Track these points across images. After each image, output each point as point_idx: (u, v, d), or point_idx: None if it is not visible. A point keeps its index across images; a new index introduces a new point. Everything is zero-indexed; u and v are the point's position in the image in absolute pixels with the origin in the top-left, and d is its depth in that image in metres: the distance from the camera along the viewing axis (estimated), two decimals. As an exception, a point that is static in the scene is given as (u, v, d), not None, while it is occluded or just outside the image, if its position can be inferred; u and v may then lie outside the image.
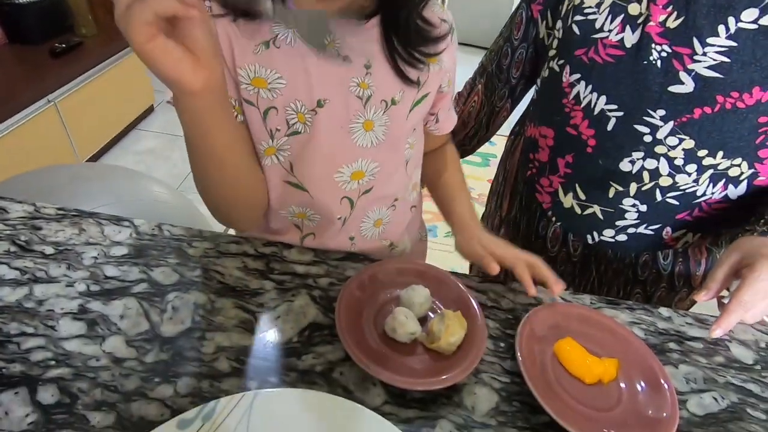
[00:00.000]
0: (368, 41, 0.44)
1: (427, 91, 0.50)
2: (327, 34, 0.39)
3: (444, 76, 0.52)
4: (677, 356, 0.46)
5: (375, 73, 0.45)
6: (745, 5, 0.47)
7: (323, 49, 0.41)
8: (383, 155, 0.51)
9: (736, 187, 0.59)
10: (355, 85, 0.45)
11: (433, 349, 0.41)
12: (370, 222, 0.55)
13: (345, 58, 0.43)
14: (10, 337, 0.37)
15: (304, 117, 0.44)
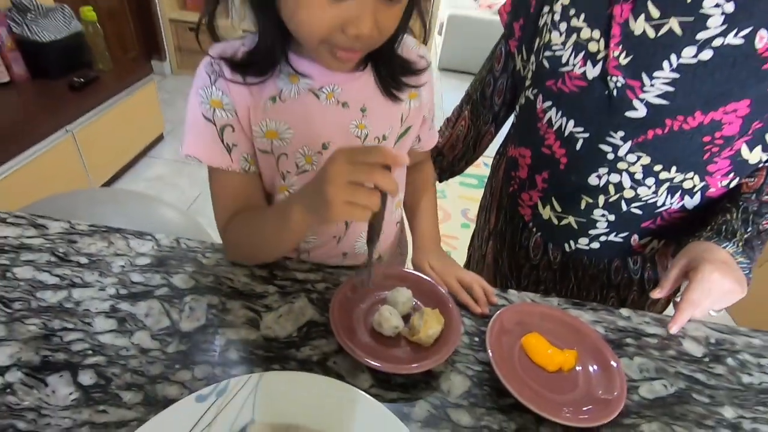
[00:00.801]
0: (362, 87, 0.51)
1: (410, 125, 0.58)
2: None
3: (424, 108, 0.59)
4: (633, 350, 0.52)
5: (369, 115, 0.52)
6: (685, 44, 0.55)
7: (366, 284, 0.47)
8: None
9: (691, 198, 0.66)
10: (354, 127, 0.52)
11: (414, 341, 0.47)
12: (362, 240, 0.62)
13: (344, 104, 0.50)
14: (54, 332, 0.44)
15: (311, 159, 0.51)
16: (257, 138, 0.49)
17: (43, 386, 0.39)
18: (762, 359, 0.54)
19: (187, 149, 0.48)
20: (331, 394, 0.40)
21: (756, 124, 0.58)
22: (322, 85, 0.49)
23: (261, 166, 0.52)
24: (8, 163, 1.46)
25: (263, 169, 0.52)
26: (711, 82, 0.55)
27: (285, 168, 0.52)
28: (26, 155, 1.53)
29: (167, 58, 3.07)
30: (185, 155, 0.48)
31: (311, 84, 0.49)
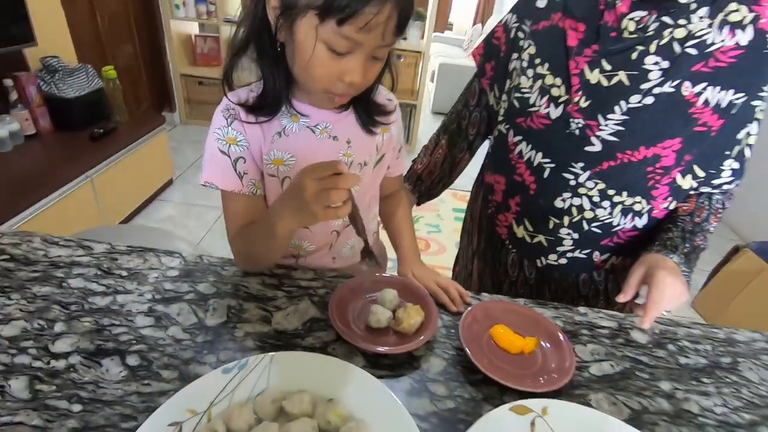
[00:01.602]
0: (348, 125, 0.64)
1: (383, 153, 0.70)
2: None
3: (393, 140, 0.72)
4: (587, 338, 0.62)
5: (353, 146, 0.65)
6: (632, 92, 0.67)
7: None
8: (360, 200, 0.69)
9: (640, 218, 0.77)
10: (342, 155, 0.64)
11: (399, 330, 0.56)
12: (347, 246, 0.73)
13: (335, 138, 0.63)
14: (105, 327, 0.54)
15: None
16: (266, 164, 0.62)
17: (99, 366, 0.49)
18: (699, 345, 0.63)
19: (206, 178, 0.60)
20: (331, 368, 0.49)
21: (687, 157, 0.70)
22: (317, 123, 0.62)
23: (268, 186, 0.64)
24: (31, 208, 1.58)
25: (270, 188, 0.64)
26: (652, 123, 0.68)
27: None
28: (49, 200, 1.65)
29: (177, 109, 3.29)
30: (203, 183, 0.60)
31: (308, 122, 0.62)
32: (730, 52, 0.62)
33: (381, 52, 0.53)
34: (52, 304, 0.56)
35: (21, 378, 0.46)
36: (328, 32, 0.49)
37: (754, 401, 0.55)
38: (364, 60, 0.52)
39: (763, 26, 0.61)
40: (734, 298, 1.97)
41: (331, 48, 0.50)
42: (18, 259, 0.62)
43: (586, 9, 0.69)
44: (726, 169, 0.73)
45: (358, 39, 0.49)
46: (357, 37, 0.49)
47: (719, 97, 0.65)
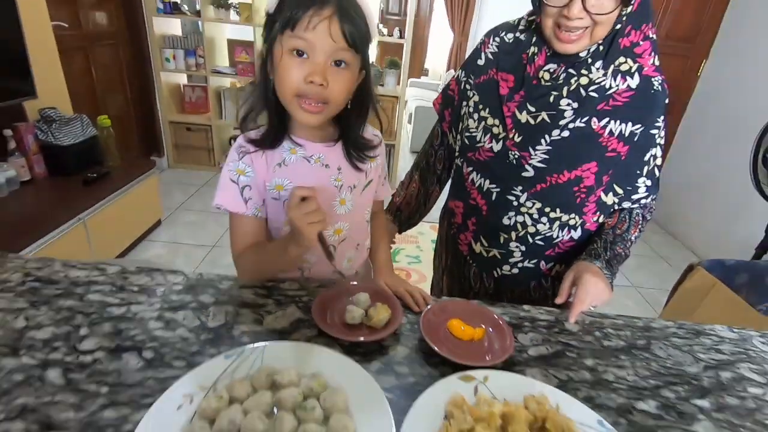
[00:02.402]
0: (338, 155, 0.78)
1: (371, 179, 0.84)
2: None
3: (378, 168, 0.86)
4: (528, 329, 0.74)
5: (343, 172, 0.78)
6: (553, 128, 0.84)
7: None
8: (352, 218, 0.82)
9: (575, 231, 0.92)
10: (333, 180, 0.78)
11: (370, 325, 0.68)
12: (345, 259, 0.85)
13: (326, 165, 0.77)
14: (123, 330, 0.64)
15: None
16: (270, 190, 0.75)
17: (120, 359, 0.59)
18: (620, 332, 0.76)
19: (218, 200, 0.74)
20: (314, 351, 0.60)
21: (605, 178, 0.86)
22: (312, 154, 0.76)
23: (271, 209, 0.77)
24: (26, 250, 1.66)
25: (273, 210, 0.78)
26: (570, 151, 0.84)
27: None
28: (43, 241, 1.74)
29: (165, 154, 3.42)
30: (216, 205, 0.73)
31: (304, 153, 0.76)
32: (624, 93, 0.80)
33: (341, 55, 0.65)
34: (76, 313, 0.66)
35: (56, 369, 0.56)
36: (288, 40, 0.64)
37: (660, 371, 0.68)
38: (323, 62, 0.64)
39: (647, 73, 0.80)
40: (692, 313, 2.11)
41: (293, 50, 0.64)
42: (42, 279, 0.73)
43: (513, 63, 0.86)
44: (641, 185, 0.89)
45: (309, 38, 0.63)
46: (307, 36, 0.62)
47: (621, 128, 0.81)
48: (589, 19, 0.72)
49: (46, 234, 1.76)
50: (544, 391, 0.57)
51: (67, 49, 2.36)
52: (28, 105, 2.02)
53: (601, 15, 0.70)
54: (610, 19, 0.71)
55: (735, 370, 0.70)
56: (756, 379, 0.69)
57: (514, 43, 0.86)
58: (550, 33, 0.77)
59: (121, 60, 2.96)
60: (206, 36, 3.15)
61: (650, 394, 0.63)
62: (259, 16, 3.12)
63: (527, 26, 0.86)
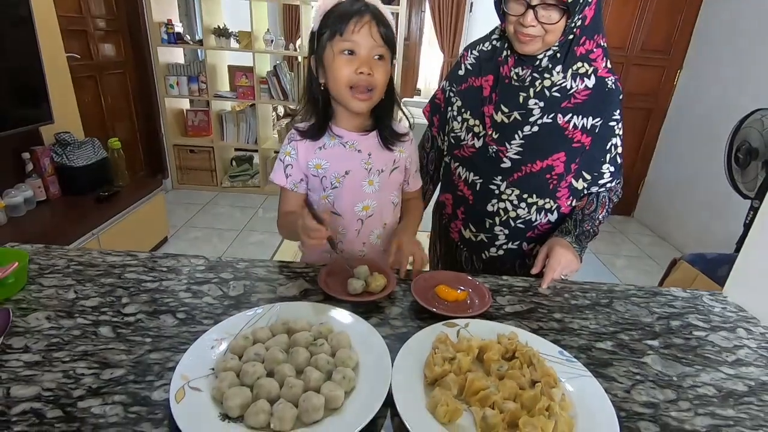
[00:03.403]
0: (370, 143, 0.93)
1: (397, 165, 0.97)
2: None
3: (407, 159, 1.00)
4: (506, 293, 0.85)
5: (373, 157, 0.93)
6: (524, 125, 0.97)
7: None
8: (378, 197, 0.95)
9: (552, 215, 1.04)
10: (364, 163, 0.92)
11: (369, 291, 0.79)
12: (374, 235, 0.99)
13: (359, 151, 0.92)
14: (157, 299, 0.75)
15: (339, 180, 0.91)
16: (310, 168, 0.91)
17: (158, 319, 0.70)
18: (587, 294, 0.88)
19: (271, 176, 0.94)
20: (321, 308, 0.71)
21: (573, 165, 0.99)
22: (347, 141, 0.91)
23: (312, 183, 0.94)
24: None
25: (314, 183, 0.94)
26: (541, 144, 0.97)
27: (325, 184, 0.93)
28: (60, 254, 1.84)
29: (169, 175, 3.56)
30: (270, 178, 0.94)
31: (342, 140, 0.91)
32: (583, 92, 0.93)
33: (379, 51, 0.83)
34: (117, 288, 0.77)
35: (106, 326, 0.67)
36: (338, 43, 0.82)
37: (618, 321, 0.79)
38: (367, 56, 0.82)
39: (602, 74, 0.93)
40: (679, 305, 2.22)
41: (343, 51, 0.81)
42: (84, 263, 0.84)
43: (492, 66, 1.00)
44: (605, 171, 1.01)
45: (355, 39, 0.81)
46: (354, 38, 0.80)
47: (584, 122, 0.95)
48: (540, 28, 0.86)
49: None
50: (515, 331, 0.69)
51: (79, 78, 2.53)
52: (44, 129, 2.16)
53: (549, 24, 0.85)
54: (557, 28, 0.86)
55: (684, 319, 0.81)
56: (701, 325, 0.80)
57: (492, 50, 1.01)
58: (511, 36, 0.91)
59: (129, 87, 3.13)
60: (208, 63, 3.33)
61: (608, 337, 0.74)
62: (258, 42, 3.32)
63: (501, 35, 1.00)
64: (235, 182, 3.68)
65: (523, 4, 0.84)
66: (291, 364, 0.58)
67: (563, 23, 0.86)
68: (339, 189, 0.92)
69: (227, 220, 3.13)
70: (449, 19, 5.38)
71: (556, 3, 0.84)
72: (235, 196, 3.56)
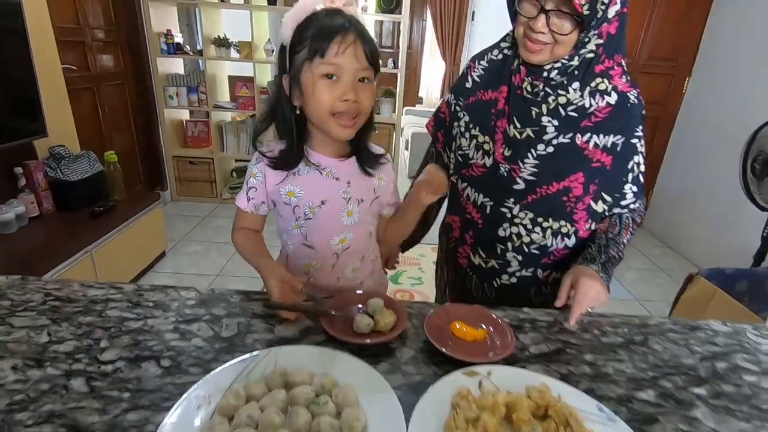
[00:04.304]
0: (349, 169, 0.84)
1: (378, 195, 0.89)
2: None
3: (387, 187, 0.91)
4: (528, 329, 0.77)
5: (353, 186, 0.84)
6: (537, 143, 0.89)
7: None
8: (357, 230, 0.88)
9: (569, 239, 0.96)
10: (342, 192, 0.83)
11: (377, 330, 0.71)
12: (349, 268, 0.90)
13: (337, 179, 0.83)
14: (140, 342, 0.67)
15: (314, 210, 0.83)
16: (282, 195, 0.82)
17: (139, 368, 0.61)
18: (618, 329, 0.79)
19: (237, 201, 0.87)
20: (324, 353, 0.63)
21: (592, 187, 0.91)
22: (325, 167, 0.83)
23: (282, 211, 0.85)
24: (35, 281, 1.68)
25: (284, 212, 0.85)
26: (557, 164, 0.89)
27: (297, 213, 0.84)
28: (51, 274, 1.77)
29: (168, 187, 3.49)
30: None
31: (318, 167, 0.83)
32: (604, 109, 0.86)
33: (364, 73, 0.74)
34: (96, 328, 0.69)
35: (79, 378, 0.59)
36: (318, 66, 0.72)
37: (657, 364, 0.70)
38: (352, 81, 0.73)
39: (623, 89, 0.86)
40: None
41: (324, 75, 0.72)
42: (62, 299, 0.76)
43: (506, 76, 0.92)
44: (628, 192, 0.93)
45: (338, 62, 0.71)
46: (337, 60, 0.71)
47: (604, 141, 0.87)
48: (550, 36, 0.79)
49: (54, 267, 1.79)
50: (545, 382, 0.60)
51: (76, 89, 2.47)
52: (38, 143, 2.10)
53: (560, 35, 0.77)
54: (568, 41, 0.79)
55: (730, 360, 0.72)
56: (750, 368, 0.71)
57: (503, 59, 0.93)
58: (519, 40, 0.84)
59: (127, 98, 3.07)
60: (208, 73, 3.28)
61: (648, 384, 0.65)
62: (258, 52, 3.27)
63: (512, 42, 0.93)
64: (235, 193, 3.61)
65: (537, 6, 0.77)
66: (289, 431, 0.49)
67: (575, 36, 0.79)
68: (313, 220, 0.84)
69: (226, 233, 3.03)
70: (451, 27, 5.34)
71: (571, 12, 0.76)
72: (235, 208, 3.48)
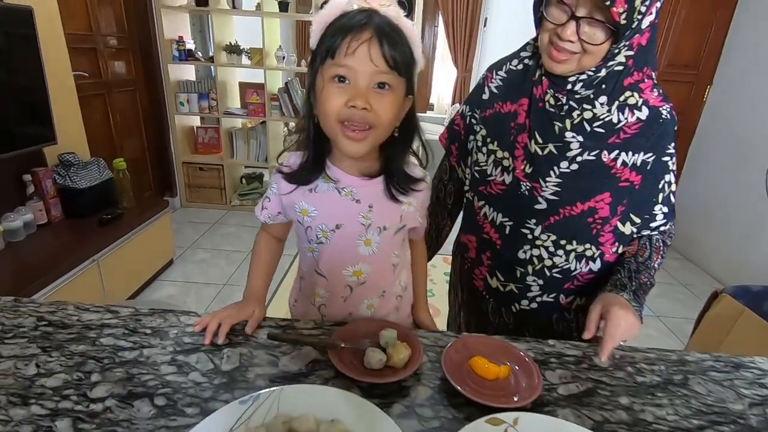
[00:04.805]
0: (372, 191, 0.74)
1: (405, 223, 0.79)
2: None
3: (417, 213, 0.81)
4: (555, 365, 0.70)
5: (374, 211, 0.74)
6: (561, 160, 0.82)
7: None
8: (376, 262, 0.78)
9: (594, 263, 0.89)
10: (361, 217, 0.74)
11: (390, 365, 0.65)
12: (363, 305, 0.82)
13: (357, 201, 0.74)
14: (134, 375, 0.62)
15: (327, 234, 0.75)
16: (296, 212, 0.75)
17: (131, 407, 0.56)
18: (654, 366, 0.72)
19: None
20: (331, 395, 0.57)
21: (620, 207, 0.84)
22: (344, 186, 0.74)
23: (298, 229, 0.79)
24: (39, 293, 1.66)
25: (299, 231, 0.79)
26: (582, 183, 0.82)
27: (309, 236, 0.77)
28: (56, 284, 1.74)
29: (178, 194, 3.48)
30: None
31: (337, 184, 0.74)
32: (634, 125, 0.79)
33: (383, 78, 0.64)
34: (88, 359, 0.64)
35: (65, 419, 0.54)
36: (328, 68, 0.64)
37: (702, 409, 0.63)
38: (364, 85, 0.63)
39: (655, 103, 0.79)
40: (721, 342, 2.01)
41: (334, 78, 0.64)
42: (55, 324, 0.72)
43: (527, 88, 0.86)
44: (658, 213, 0.86)
45: (349, 63, 0.62)
46: (347, 62, 0.62)
47: (633, 158, 0.80)
48: (579, 46, 0.73)
49: (60, 276, 1.76)
50: (579, 434, 0.54)
51: (87, 96, 2.46)
52: (48, 150, 2.08)
53: (590, 44, 0.71)
54: (599, 51, 0.72)
55: (783, 406, 0.65)
56: (808, 416, 0.64)
57: (524, 70, 0.87)
58: (543, 48, 0.78)
59: (138, 105, 3.07)
60: (219, 80, 3.26)
61: (694, 436, 0.58)
62: (270, 59, 3.25)
63: (534, 51, 0.87)
64: (244, 201, 3.58)
65: (567, 12, 0.71)
66: (292, 493, 0.44)
67: (606, 47, 0.72)
68: (326, 245, 0.76)
69: (235, 241, 3.02)
70: (463, 34, 5.29)
71: (605, 21, 0.70)
72: (243, 215, 3.46)
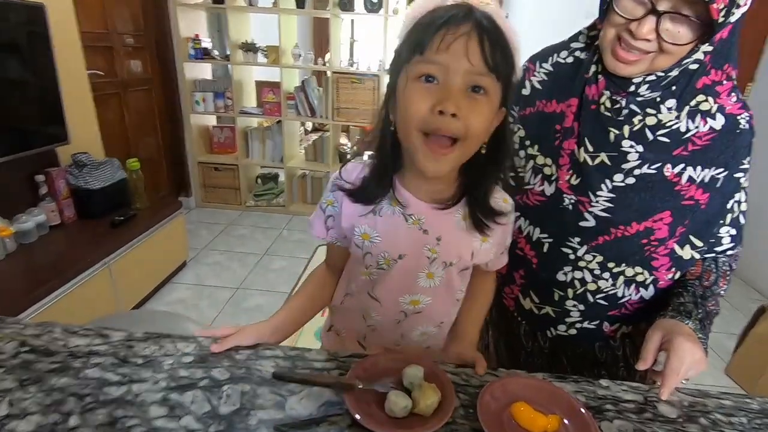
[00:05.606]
0: (444, 222, 0.64)
1: (476, 260, 0.69)
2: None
3: (492, 249, 0.69)
4: (612, 414, 0.59)
5: (443, 244, 0.65)
6: (614, 172, 0.71)
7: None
8: (437, 295, 0.70)
9: (646, 290, 0.77)
10: (427, 250, 0.65)
11: (417, 413, 0.55)
12: (417, 332, 0.73)
13: (425, 231, 0.64)
14: (118, 419, 0.53)
15: (389, 262, 0.66)
16: (355, 236, 0.66)
17: (111, 462, 0.48)
18: (733, 417, 0.60)
19: (310, 227, 0.73)
20: (347, 457, 0.47)
21: (680, 229, 0.72)
22: (412, 213, 0.64)
23: (353, 251, 0.69)
24: (48, 297, 1.61)
25: (354, 253, 0.70)
26: (639, 200, 0.71)
27: (368, 262, 0.68)
28: (67, 287, 1.69)
29: (193, 194, 3.45)
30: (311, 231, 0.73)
31: (405, 210, 0.64)
32: (705, 136, 0.67)
33: (479, 80, 0.53)
34: (68, 396, 0.56)
35: (32, 477, 0.45)
36: (415, 66, 0.54)
37: (803, 481, 0.51)
38: (458, 86, 0.53)
39: (732, 111, 0.67)
40: (768, 362, 1.86)
41: (420, 77, 0.54)
42: (38, 350, 0.64)
43: (577, 86, 0.74)
44: (724, 236, 0.75)
45: (441, 60, 0.52)
46: (439, 58, 0.52)
47: (702, 174, 0.68)
48: (656, 44, 0.61)
49: (72, 279, 1.72)
50: None
51: (102, 95, 2.43)
52: (61, 150, 2.05)
53: (672, 45, 0.59)
54: (680, 52, 0.61)
55: None
56: None
57: (575, 63, 0.76)
58: (607, 45, 0.66)
59: (153, 104, 3.04)
60: (235, 79, 3.21)
61: None
62: (286, 57, 3.17)
63: (588, 43, 0.75)
64: (259, 201, 3.53)
65: (645, 5, 0.60)
66: None
67: (691, 47, 0.60)
68: (385, 273, 0.68)
69: (249, 243, 2.96)
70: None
71: (695, 18, 0.58)
72: (258, 216, 3.40)
